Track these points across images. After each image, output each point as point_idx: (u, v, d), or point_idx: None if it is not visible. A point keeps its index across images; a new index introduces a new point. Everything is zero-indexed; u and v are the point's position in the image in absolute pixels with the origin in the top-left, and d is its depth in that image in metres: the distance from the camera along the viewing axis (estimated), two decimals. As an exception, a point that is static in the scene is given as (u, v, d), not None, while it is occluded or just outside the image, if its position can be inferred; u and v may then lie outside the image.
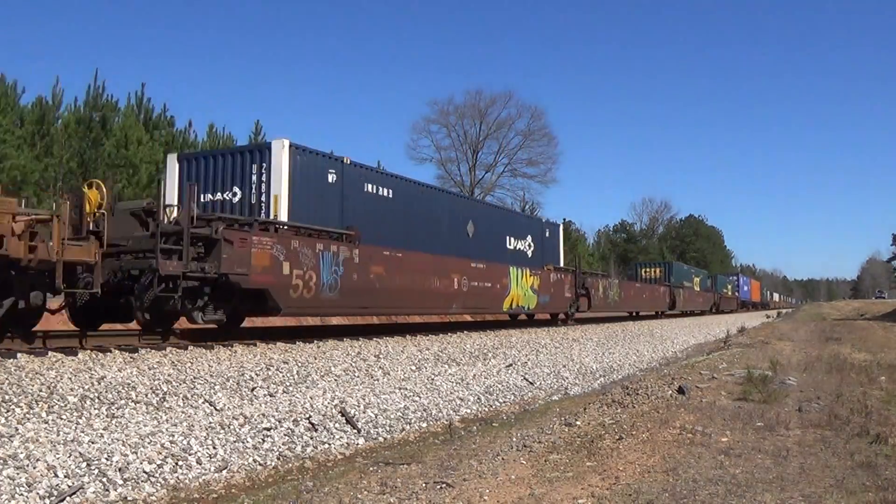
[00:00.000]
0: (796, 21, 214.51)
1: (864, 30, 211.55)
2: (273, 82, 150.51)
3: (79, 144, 20.17)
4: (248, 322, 16.90)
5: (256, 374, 8.68)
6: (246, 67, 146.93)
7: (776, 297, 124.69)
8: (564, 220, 53.76)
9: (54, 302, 9.12)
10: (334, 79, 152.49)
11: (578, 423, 7.26)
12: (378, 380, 9.93)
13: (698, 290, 48.50)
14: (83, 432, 5.90)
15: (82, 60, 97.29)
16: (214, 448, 6.33)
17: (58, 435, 5.73)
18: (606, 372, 15.11)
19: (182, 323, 11.11)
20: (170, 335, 10.38)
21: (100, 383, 7.06)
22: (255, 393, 8.09)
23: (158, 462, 5.76)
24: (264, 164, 12.06)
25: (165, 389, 7.38)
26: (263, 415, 7.35)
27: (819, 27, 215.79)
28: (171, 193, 12.76)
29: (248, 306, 11.22)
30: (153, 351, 8.91)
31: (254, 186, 12.12)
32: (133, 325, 11.08)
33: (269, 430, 7.06)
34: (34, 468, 5.09)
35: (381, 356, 11.30)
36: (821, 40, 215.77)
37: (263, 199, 11.97)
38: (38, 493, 4.87)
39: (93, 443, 5.71)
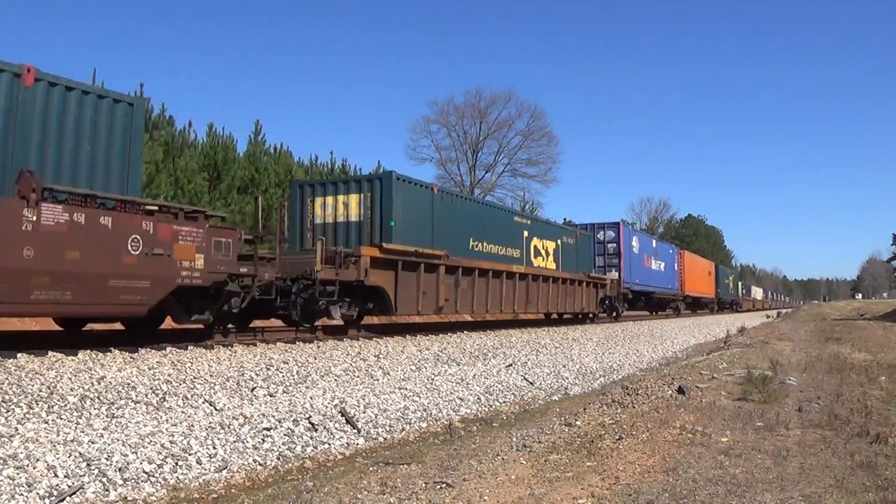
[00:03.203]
0: (796, 20, 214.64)
1: (865, 29, 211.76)
2: (273, 82, 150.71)
3: (79, 144, 20.15)
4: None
5: (256, 374, 8.68)
6: (245, 67, 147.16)
7: (758, 293, 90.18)
8: (564, 219, 53.80)
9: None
10: (334, 79, 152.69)
11: (578, 423, 7.26)
12: (378, 380, 9.93)
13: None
14: (83, 432, 5.90)
15: (81, 60, 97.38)
16: (214, 448, 6.33)
17: (58, 435, 5.73)
18: (606, 372, 15.11)
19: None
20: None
21: (100, 383, 7.05)
22: (255, 393, 8.08)
23: (158, 462, 5.76)
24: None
25: (165, 389, 7.38)
26: (263, 415, 7.35)
27: (819, 26, 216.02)
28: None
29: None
30: (153, 351, 8.91)
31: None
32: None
33: (269, 430, 7.05)
34: (34, 468, 5.09)
35: (381, 356, 11.30)
36: (821, 39, 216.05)
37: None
38: (38, 493, 4.87)
39: (93, 443, 5.71)
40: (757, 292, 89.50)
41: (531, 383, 12.39)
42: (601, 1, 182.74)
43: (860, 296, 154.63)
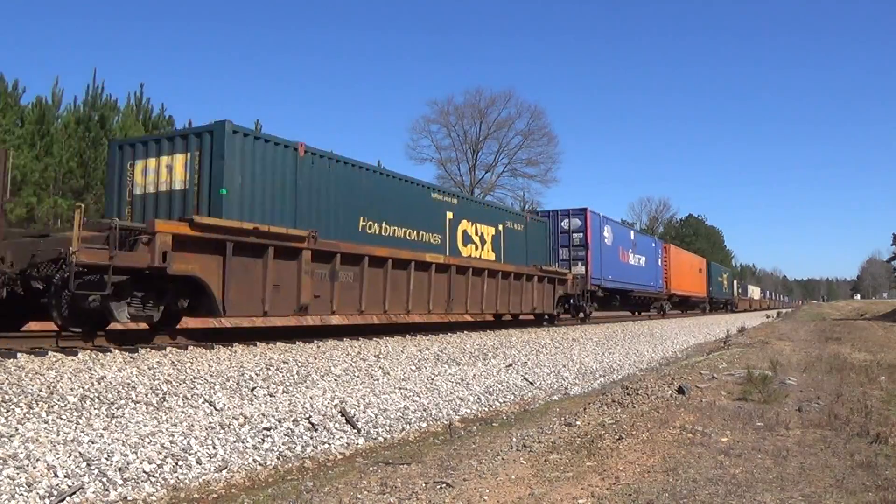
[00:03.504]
0: (796, 20, 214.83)
1: (865, 29, 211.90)
2: (272, 82, 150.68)
3: (78, 144, 20.17)
4: (247, 322, 16.92)
5: (256, 374, 8.68)
6: (245, 67, 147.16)
7: (755, 293, 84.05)
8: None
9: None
10: (334, 79, 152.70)
11: (578, 422, 7.26)
12: (378, 380, 9.93)
13: None
14: (83, 432, 5.90)
15: (81, 60, 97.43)
16: (214, 448, 6.34)
17: (58, 435, 5.73)
18: (606, 372, 15.11)
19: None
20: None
21: (100, 383, 7.05)
22: (255, 393, 8.08)
23: (158, 462, 5.76)
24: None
25: (165, 389, 7.38)
26: (263, 415, 7.35)
27: (819, 26, 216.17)
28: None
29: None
30: (153, 351, 8.91)
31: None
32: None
33: (268, 429, 7.06)
34: (34, 468, 5.09)
35: (381, 356, 11.30)
36: (821, 39, 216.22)
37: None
38: (38, 493, 4.87)
39: (93, 443, 5.71)
40: (754, 292, 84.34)
41: (531, 383, 12.39)
42: (601, 1, 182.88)
43: (858, 296, 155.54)
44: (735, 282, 65.52)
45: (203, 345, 9.75)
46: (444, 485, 5.13)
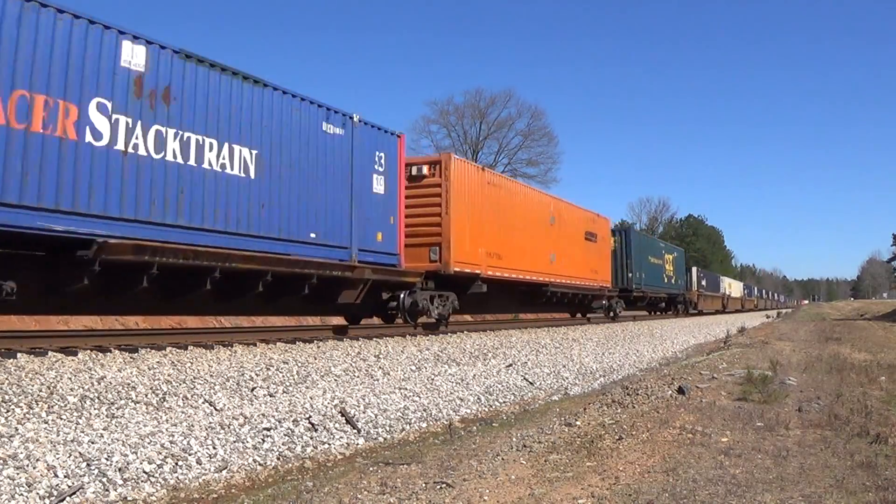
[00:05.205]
0: (795, 19, 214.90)
1: (865, 30, 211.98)
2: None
3: (79, 144, 20.15)
4: (247, 322, 16.90)
5: (256, 374, 8.68)
6: (244, 67, 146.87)
7: (735, 289, 64.73)
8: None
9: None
10: (333, 78, 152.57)
11: (578, 423, 7.27)
12: (378, 380, 9.93)
13: None
14: (83, 432, 5.90)
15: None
16: (214, 448, 6.33)
17: (58, 435, 5.73)
18: (606, 372, 15.11)
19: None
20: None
21: (100, 383, 7.05)
22: (255, 393, 8.08)
23: (158, 462, 5.76)
24: None
25: (165, 389, 7.38)
26: (263, 415, 7.35)
27: (818, 25, 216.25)
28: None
29: None
30: (153, 351, 8.91)
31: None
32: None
33: (268, 430, 7.05)
34: (34, 468, 5.09)
35: (381, 356, 11.29)
36: (821, 38, 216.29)
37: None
38: (38, 493, 4.87)
39: (93, 443, 5.71)
40: (731, 287, 63.10)
41: (531, 383, 12.39)
42: (601, 1, 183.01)
43: (852, 298, 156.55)
44: (695, 270, 47.04)
45: (203, 345, 9.76)
46: (444, 485, 5.13)
